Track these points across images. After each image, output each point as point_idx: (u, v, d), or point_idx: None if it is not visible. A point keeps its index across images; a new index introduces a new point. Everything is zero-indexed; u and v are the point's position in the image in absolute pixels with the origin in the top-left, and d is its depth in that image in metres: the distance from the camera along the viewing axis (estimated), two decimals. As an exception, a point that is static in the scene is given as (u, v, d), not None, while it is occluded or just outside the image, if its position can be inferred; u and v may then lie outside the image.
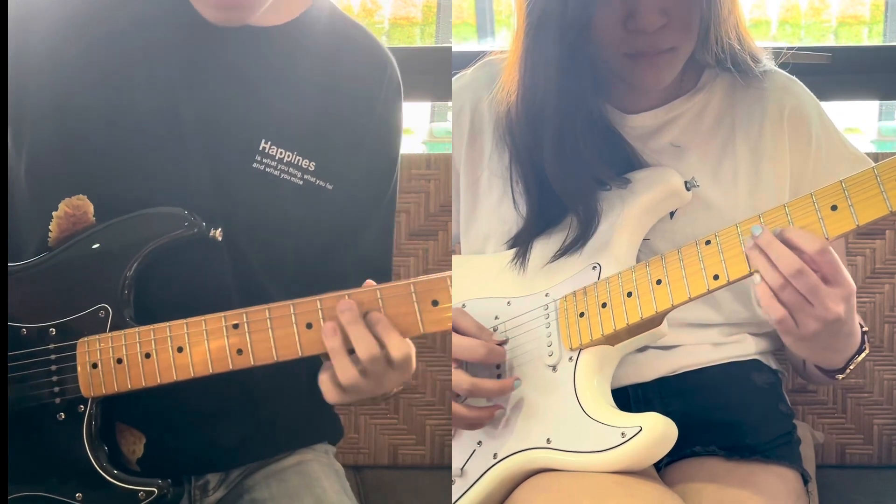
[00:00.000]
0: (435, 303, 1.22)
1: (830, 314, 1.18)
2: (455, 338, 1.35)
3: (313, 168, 1.39)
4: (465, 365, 1.36)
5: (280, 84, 1.38)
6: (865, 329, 1.30)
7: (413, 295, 1.23)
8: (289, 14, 1.41)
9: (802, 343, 1.23)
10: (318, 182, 1.39)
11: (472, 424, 1.35)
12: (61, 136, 1.34)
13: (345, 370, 1.21)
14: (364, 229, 1.47)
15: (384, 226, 1.51)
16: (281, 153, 1.37)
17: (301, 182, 1.38)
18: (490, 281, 1.44)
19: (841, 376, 1.32)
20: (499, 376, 1.38)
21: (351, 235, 1.46)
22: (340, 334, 1.21)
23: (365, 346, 1.20)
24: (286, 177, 1.37)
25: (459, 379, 1.33)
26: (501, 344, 1.37)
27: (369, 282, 1.25)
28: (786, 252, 1.18)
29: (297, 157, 1.38)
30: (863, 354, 1.30)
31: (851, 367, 1.31)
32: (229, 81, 1.36)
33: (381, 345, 1.21)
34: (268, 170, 1.37)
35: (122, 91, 1.34)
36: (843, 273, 1.19)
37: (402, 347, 1.21)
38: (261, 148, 1.36)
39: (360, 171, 1.43)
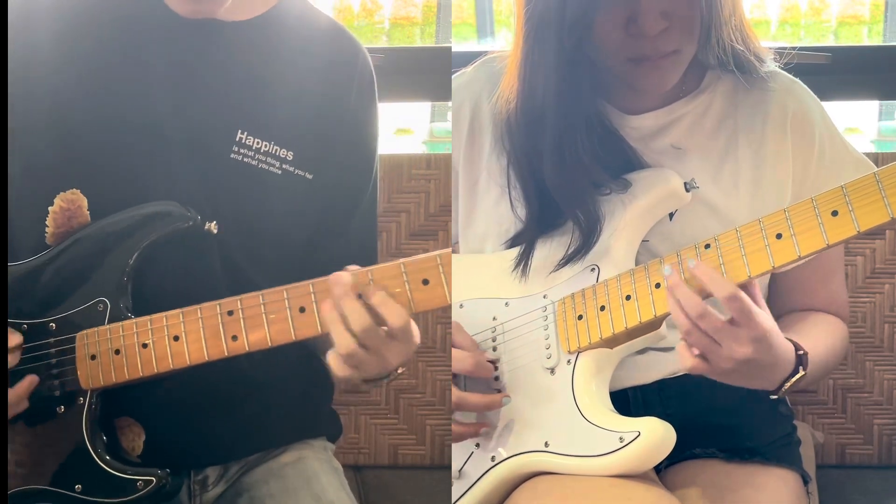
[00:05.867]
0: (425, 282, 1.24)
1: (738, 354, 1.20)
2: (453, 351, 1.36)
3: (291, 157, 1.40)
4: (463, 379, 1.37)
5: (253, 76, 1.41)
6: (802, 352, 1.28)
7: (404, 275, 1.24)
8: (260, 7, 1.43)
9: (720, 378, 1.25)
10: (297, 171, 1.41)
11: (460, 437, 1.36)
12: (52, 134, 1.36)
13: (342, 340, 1.23)
14: (348, 220, 1.48)
15: (367, 215, 1.52)
16: (258, 143, 1.39)
17: (280, 171, 1.40)
18: (489, 281, 1.44)
19: (774, 396, 1.31)
20: (497, 378, 1.38)
21: (335, 226, 1.47)
22: (337, 308, 1.23)
23: (356, 319, 1.22)
24: (264, 166, 1.39)
25: (453, 393, 1.35)
26: (492, 361, 1.38)
27: (351, 266, 1.26)
28: (690, 294, 1.21)
29: (275, 147, 1.40)
30: (797, 377, 1.28)
31: (786, 387, 1.29)
32: (204, 75, 1.39)
33: (378, 317, 1.22)
34: (246, 160, 1.38)
35: (106, 88, 1.37)
36: (754, 317, 1.20)
37: (400, 317, 1.23)
38: (237, 139, 1.38)
39: (338, 162, 1.45)
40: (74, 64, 1.37)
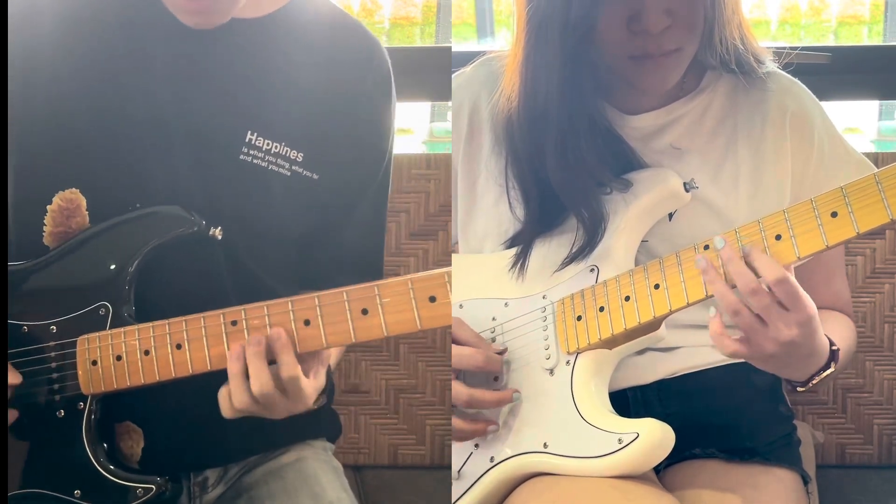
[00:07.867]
0: (432, 299, 1.23)
1: (784, 336, 1.20)
2: (454, 348, 1.35)
3: (301, 159, 1.39)
4: (463, 376, 1.36)
5: (264, 75, 1.39)
6: (836, 348, 1.29)
7: (411, 291, 1.23)
8: (272, 5, 1.41)
9: (759, 362, 1.25)
10: (305, 173, 1.40)
11: (467, 436, 1.36)
12: (53, 133, 1.35)
13: (238, 395, 1.24)
14: (349, 219, 1.47)
15: (372, 218, 1.51)
16: (268, 144, 1.38)
17: (289, 173, 1.39)
18: (488, 280, 1.44)
19: (801, 389, 1.31)
20: (496, 378, 1.38)
21: (337, 225, 1.46)
22: (242, 361, 1.23)
23: (259, 382, 1.23)
24: (274, 168, 1.38)
25: (458, 390, 1.33)
26: (501, 353, 1.37)
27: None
28: (745, 270, 1.20)
29: (286, 148, 1.38)
30: (827, 372, 1.29)
31: (815, 381, 1.30)
32: (213, 75, 1.37)
33: (279, 380, 1.23)
34: (255, 161, 1.37)
35: (111, 90, 1.36)
36: (801, 300, 1.19)
37: (291, 369, 1.23)
38: (247, 139, 1.37)
39: (347, 161, 1.44)
40: (76, 62, 1.36)
